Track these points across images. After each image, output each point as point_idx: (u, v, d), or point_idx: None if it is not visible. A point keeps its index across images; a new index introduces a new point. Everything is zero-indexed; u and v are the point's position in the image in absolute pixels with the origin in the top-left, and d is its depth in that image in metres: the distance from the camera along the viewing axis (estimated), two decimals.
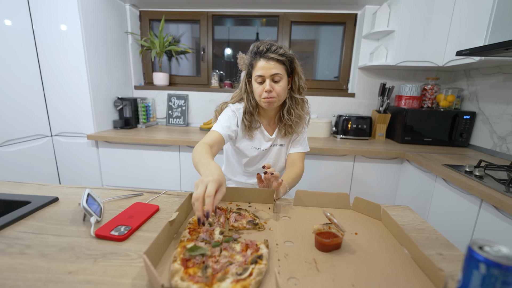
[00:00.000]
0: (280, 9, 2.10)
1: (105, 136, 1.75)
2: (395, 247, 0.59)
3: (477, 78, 1.74)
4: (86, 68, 1.71)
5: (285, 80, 0.91)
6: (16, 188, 0.87)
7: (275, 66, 0.87)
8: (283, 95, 0.92)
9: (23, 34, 1.59)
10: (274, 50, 0.87)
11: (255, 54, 0.90)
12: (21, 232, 0.61)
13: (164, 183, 1.83)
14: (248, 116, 0.99)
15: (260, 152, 1.03)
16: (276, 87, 0.89)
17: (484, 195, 0.98)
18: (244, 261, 0.50)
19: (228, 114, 0.98)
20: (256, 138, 1.03)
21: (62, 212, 0.71)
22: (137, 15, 2.23)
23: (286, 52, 0.89)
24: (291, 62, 0.92)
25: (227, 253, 0.53)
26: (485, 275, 0.35)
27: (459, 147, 1.75)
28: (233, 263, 0.49)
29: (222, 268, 0.48)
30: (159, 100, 2.29)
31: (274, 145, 1.05)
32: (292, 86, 0.97)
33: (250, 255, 0.52)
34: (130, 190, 0.87)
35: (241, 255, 0.52)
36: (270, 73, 0.87)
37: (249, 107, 0.98)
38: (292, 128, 0.99)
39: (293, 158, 1.02)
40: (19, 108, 1.59)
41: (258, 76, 0.89)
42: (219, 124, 0.94)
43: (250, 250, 0.54)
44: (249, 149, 1.03)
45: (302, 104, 0.99)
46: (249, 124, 0.99)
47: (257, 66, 0.89)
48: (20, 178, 1.59)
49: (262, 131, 1.03)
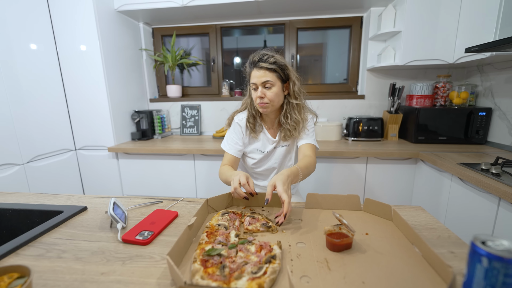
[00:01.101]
0: (285, 17, 2.16)
1: (124, 148, 1.85)
2: (406, 246, 0.60)
3: (491, 73, 1.70)
4: (105, 85, 1.83)
5: (277, 87, 0.97)
6: (49, 199, 0.95)
7: (266, 74, 0.95)
8: (276, 101, 0.99)
9: (48, 56, 1.73)
10: (265, 60, 0.95)
11: (250, 64, 1.00)
12: (56, 239, 0.68)
13: (180, 190, 1.90)
14: (251, 119, 1.08)
15: (265, 154, 1.10)
16: (267, 93, 0.96)
17: (502, 193, 0.96)
18: (259, 261, 0.53)
19: (233, 130, 1.09)
20: (261, 141, 1.10)
21: (91, 220, 0.78)
22: (150, 32, 2.35)
23: (277, 61, 0.96)
24: (283, 69, 0.98)
25: (243, 254, 0.56)
26: (487, 268, 0.37)
27: (476, 145, 1.71)
28: (248, 263, 0.53)
29: (238, 268, 0.51)
30: (173, 111, 2.39)
31: (278, 147, 1.11)
32: (289, 92, 1.03)
33: (264, 256, 0.55)
34: (150, 198, 0.93)
35: (255, 255, 0.55)
36: (261, 80, 0.95)
37: (252, 111, 1.08)
38: (290, 132, 1.05)
39: (303, 151, 1.04)
40: (46, 125, 1.72)
41: (252, 84, 0.99)
42: (228, 144, 1.09)
43: (264, 251, 0.57)
44: (254, 152, 1.11)
45: (299, 108, 1.04)
46: (252, 127, 1.08)
47: (252, 75, 0.99)
48: (49, 190, 1.71)
49: (266, 134, 1.10)
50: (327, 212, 0.79)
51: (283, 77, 0.99)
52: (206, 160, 1.80)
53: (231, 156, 1.07)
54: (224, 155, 1.09)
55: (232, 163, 1.06)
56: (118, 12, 1.94)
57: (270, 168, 1.13)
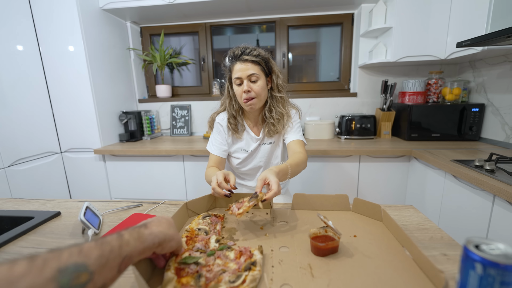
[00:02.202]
0: (276, 14, 2.12)
1: (111, 150, 1.79)
2: (396, 249, 0.56)
3: (483, 68, 1.68)
4: (91, 85, 1.77)
5: (262, 80, 0.94)
6: (22, 205, 0.89)
7: (251, 67, 0.92)
8: (262, 94, 0.95)
9: (31, 57, 1.67)
10: (248, 53, 0.92)
11: (232, 58, 0.95)
12: (22, 247, 0.62)
13: (170, 192, 1.84)
14: (232, 120, 1.04)
15: (249, 153, 1.06)
16: (254, 86, 0.93)
17: (497, 190, 0.93)
18: (238, 268, 0.49)
19: (216, 130, 1.07)
20: (244, 140, 1.06)
21: (63, 226, 0.73)
22: (138, 31, 2.30)
23: (260, 53, 0.94)
24: (266, 62, 0.96)
25: (221, 261, 0.52)
26: (482, 275, 0.33)
27: (469, 141, 1.68)
28: (226, 271, 0.48)
29: (215, 277, 0.47)
30: (162, 112, 2.34)
31: (262, 144, 1.07)
32: (272, 85, 1.00)
33: (244, 262, 0.51)
34: (130, 201, 0.88)
35: (234, 262, 0.51)
36: (247, 73, 0.91)
37: (231, 111, 1.03)
38: (274, 126, 1.01)
39: (292, 147, 1.00)
40: (29, 127, 1.65)
41: (236, 78, 0.94)
42: (212, 145, 1.06)
43: (244, 257, 0.52)
44: (238, 151, 1.08)
45: (283, 102, 1.02)
46: (234, 127, 1.04)
47: (234, 69, 0.94)
48: (32, 195, 1.64)
49: (249, 132, 1.06)
50: (314, 213, 0.75)
51: (266, 71, 0.96)
52: (196, 160, 1.75)
53: (216, 157, 1.04)
54: (209, 157, 1.06)
55: (217, 164, 1.03)
56: (103, 11, 1.88)
57: (256, 167, 1.09)
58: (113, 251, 0.35)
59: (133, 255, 0.39)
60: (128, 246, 0.38)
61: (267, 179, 0.69)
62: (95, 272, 0.32)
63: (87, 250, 0.32)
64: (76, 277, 0.30)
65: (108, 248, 0.35)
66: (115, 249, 0.36)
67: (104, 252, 0.34)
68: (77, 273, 0.30)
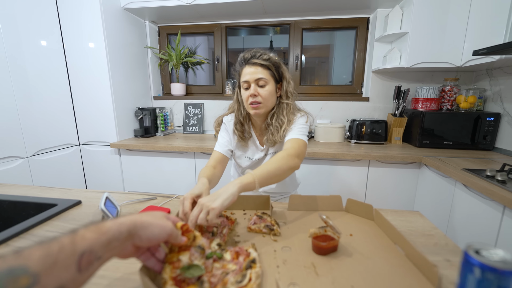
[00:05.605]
0: (291, 17, 2.14)
1: (126, 144, 1.86)
2: (389, 246, 0.60)
3: (500, 77, 1.64)
4: (110, 82, 1.84)
5: (271, 86, 0.90)
6: (46, 193, 0.96)
7: (260, 70, 0.88)
8: (270, 100, 0.91)
9: (55, 52, 1.76)
10: (258, 56, 0.89)
11: (242, 62, 0.92)
12: (47, 231, 0.68)
13: (181, 188, 1.90)
14: (239, 126, 1.00)
15: (253, 161, 1.03)
16: (261, 91, 0.89)
17: (507, 201, 0.92)
18: (239, 268, 0.49)
19: (223, 129, 1.03)
20: (250, 148, 1.03)
21: (84, 214, 0.78)
22: (155, 30, 2.37)
23: (271, 58, 0.90)
24: (277, 68, 0.92)
25: (219, 264, 0.51)
26: (480, 279, 0.35)
27: (483, 151, 1.65)
28: (228, 272, 0.48)
29: (220, 280, 0.46)
30: (176, 109, 2.40)
31: (268, 154, 1.02)
32: (281, 92, 0.95)
33: (243, 262, 0.51)
34: (145, 194, 0.92)
35: (233, 263, 0.51)
36: (255, 77, 0.88)
37: (239, 117, 0.99)
38: (273, 135, 0.94)
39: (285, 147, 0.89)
40: (51, 120, 1.74)
41: (244, 82, 0.91)
42: (218, 143, 1.00)
43: (241, 256, 0.53)
44: (243, 159, 1.04)
45: (288, 109, 0.95)
46: (240, 134, 1.00)
47: (243, 73, 0.91)
48: (52, 183, 1.73)
49: (255, 141, 1.02)
50: (311, 213, 0.78)
51: (276, 77, 0.92)
52: (207, 158, 1.80)
53: (218, 154, 0.97)
54: (211, 154, 0.99)
55: (217, 162, 0.95)
56: (124, 10, 1.96)
57: None
58: (64, 249, 0.31)
59: (94, 249, 0.34)
60: (84, 240, 0.34)
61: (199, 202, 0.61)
62: (40, 273, 0.29)
63: (27, 253, 0.29)
64: (11, 281, 0.27)
65: (57, 246, 0.31)
66: (66, 246, 0.32)
67: (51, 251, 0.30)
68: (12, 277, 0.27)
